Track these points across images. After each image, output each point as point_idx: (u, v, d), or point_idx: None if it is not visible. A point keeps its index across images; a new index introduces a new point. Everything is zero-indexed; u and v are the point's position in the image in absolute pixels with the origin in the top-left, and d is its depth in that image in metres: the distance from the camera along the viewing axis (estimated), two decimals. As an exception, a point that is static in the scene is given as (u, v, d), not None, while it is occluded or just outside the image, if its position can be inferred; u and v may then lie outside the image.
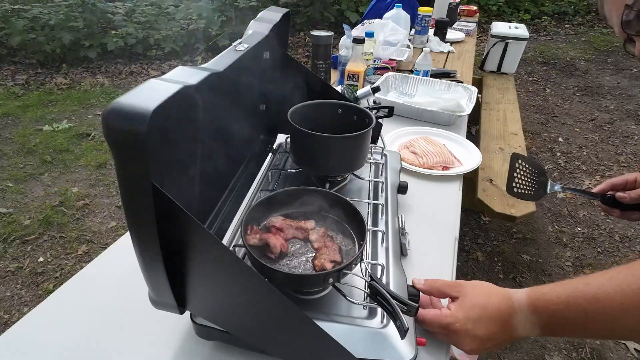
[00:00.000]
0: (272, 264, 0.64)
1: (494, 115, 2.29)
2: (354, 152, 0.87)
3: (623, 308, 0.50)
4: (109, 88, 3.97)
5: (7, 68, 4.19)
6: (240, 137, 0.87)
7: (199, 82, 0.48)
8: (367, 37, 1.67)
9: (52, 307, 0.72)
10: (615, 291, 0.51)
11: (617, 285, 0.51)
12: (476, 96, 1.51)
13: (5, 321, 1.77)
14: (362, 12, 4.58)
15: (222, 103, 0.69)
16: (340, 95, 1.00)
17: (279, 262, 0.65)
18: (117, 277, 0.78)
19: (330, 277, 0.59)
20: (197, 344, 0.65)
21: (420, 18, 2.25)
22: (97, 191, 2.58)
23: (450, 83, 1.61)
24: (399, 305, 0.56)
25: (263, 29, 0.77)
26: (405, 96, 1.59)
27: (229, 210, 0.79)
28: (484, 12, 6.23)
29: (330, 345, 0.50)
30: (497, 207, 1.52)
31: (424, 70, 1.64)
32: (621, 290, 0.50)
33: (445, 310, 0.62)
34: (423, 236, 0.90)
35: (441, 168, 1.14)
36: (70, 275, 0.98)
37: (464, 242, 2.22)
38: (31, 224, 2.28)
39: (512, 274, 2.03)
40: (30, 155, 2.88)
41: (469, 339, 0.59)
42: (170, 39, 4.65)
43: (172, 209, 0.43)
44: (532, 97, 4.02)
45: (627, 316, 0.50)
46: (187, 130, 0.58)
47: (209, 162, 0.68)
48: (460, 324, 0.59)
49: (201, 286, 0.53)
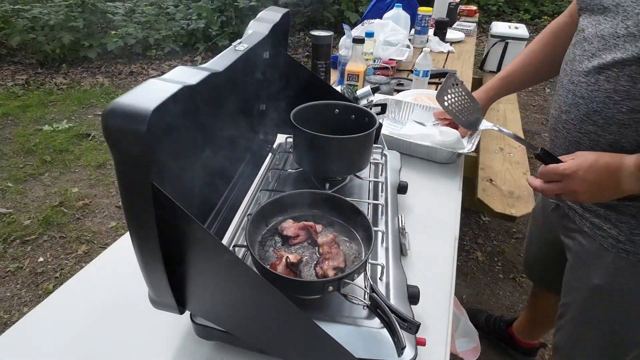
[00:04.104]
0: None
1: (494, 115, 2.29)
2: (358, 153, 0.87)
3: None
4: (109, 88, 3.97)
5: (7, 68, 4.19)
6: (240, 137, 0.87)
7: (198, 82, 0.48)
8: (367, 37, 1.67)
9: (52, 307, 0.73)
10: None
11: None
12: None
13: (5, 321, 1.77)
14: (362, 12, 4.58)
15: (221, 103, 0.69)
16: (341, 95, 1.00)
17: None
18: (117, 277, 0.78)
19: (330, 285, 0.59)
20: (197, 344, 0.65)
21: (420, 18, 2.25)
22: (97, 191, 2.57)
23: None
24: (398, 320, 0.55)
25: (263, 29, 0.77)
26: (398, 124, 1.32)
27: (229, 210, 0.79)
28: (484, 12, 6.23)
29: (330, 345, 0.50)
30: (497, 207, 1.52)
31: (424, 70, 1.64)
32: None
33: (561, 163, 0.73)
34: (423, 236, 0.90)
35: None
36: (70, 275, 0.98)
37: (464, 242, 2.22)
38: (31, 224, 2.28)
39: (512, 274, 2.03)
40: (30, 155, 2.88)
41: (579, 181, 0.70)
42: (170, 39, 4.65)
43: (172, 209, 0.43)
44: (532, 97, 4.02)
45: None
46: (187, 130, 0.58)
47: (209, 162, 0.68)
48: (573, 169, 0.71)
49: (201, 286, 0.53)
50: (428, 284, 0.73)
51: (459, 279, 1.98)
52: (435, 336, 0.67)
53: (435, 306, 0.74)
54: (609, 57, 0.71)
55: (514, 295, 1.93)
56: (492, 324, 1.63)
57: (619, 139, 0.72)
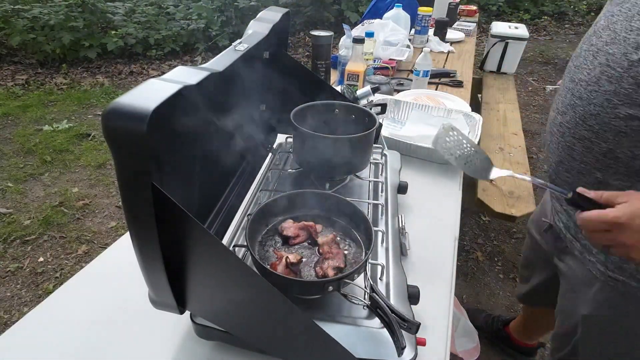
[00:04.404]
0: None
1: (494, 116, 2.28)
2: (358, 153, 0.87)
3: None
4: (109, 88, 3.97)
5: (7, 68, 4.19)
6: (240, 137, 0.87)
7: (198, 82, 0.48)
8: (367, 37, 1.67)
9: (52, 307, 0.73)
10: None
11: None
12: (480, 126, 1.28)
13: (5, 321, 1.77)
14: (362, 12, 4.58)
15: (221, 103, 0.69)
16: (341, 95, 1.00)
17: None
18: (117, 277, 0.78)
19: (330, 285, 0.59)
20: (197, 344, 0.65)
21: (420, 18, 2.25)
22: (97, 191, 2.57)
23: (450, 109, 1.37)
24: (398, 320, 0.55)
25: (263, 29, 0.77)
26: (397, 124, 1.34)
27: (229, 210, 0.79)
28: (484, 12, 6.23)
29: (330, 346, 0.49)
30: (497, 207, 1.51)
31: (424, 70, 1.64)
32: None
33: (609, 209, 0.57)
34: (423, 236, 0.90)
35: None
36: (70, 275, 0.98)
37: (464, 242, 2.22)
38: (31, 224, 2.28)
39: (512, 274, 2.03)
40: (30, 155, 2.88)
41: (634, 233, 0.55)
42: (170, 39, 4.65)
43: (172, 209, 0.43)
44: (532, 97, 4.02)
45: None
46: (187, 130, 0.58)
47: (209, 162, 0.68)
48: (627, 217, 0.55)
49: (201, 286, 0.53)
50: (428, 284, 0.73)
51: (459, 279, 1.98)
52: (435, 336, 0.67)
53: (435, 306, 0.74)
54: (616, 52, 0.64)
55: (514, 295, 1.92)
56: (490, 323, 1.62)
57: (614, 148, 0.67)
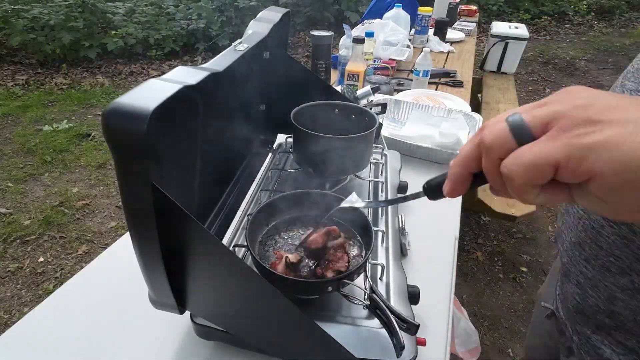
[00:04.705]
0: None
1: (494, 115, 2.27)
2: (358, 153, 0.87)
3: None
4: (109, 88, 3.97)
5: (7, 68, 4.19)
6: (240, 137, 0.87)
7: (199, 82, 0.48)
8: (367, 37, 1.67)
9: (52, 307, 0.72)
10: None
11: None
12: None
13: (5, 321, 1.77)
14: (362, 12, 4.58)
15: (222, 103, 0.69)
16: (341, 95, 1.00)
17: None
18: (117, 277, 0.78)
19: (330, 286, 0.59)
20: (197, 344, 0.65)
21: (420, 18, 2.25)
22: (97, 191, 2.58)
23: (450, 109, 1.35)
24: (397, 321, 0.55)
25: (263, 29, 0.77)
26: (397, 124, 1.35)
27: (229, 211, 0.79)
28: (484, 12, 6.23)
29: (330, 345, 0.49)
30: (497, 207, 1.52)
31: (424, 70, 1.64)
32: None
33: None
34: (423, 236, 0.90)
35: None
36: (70, 275, 0.98)
37: (464, 242, 2.22)
38: (31, 224, 2.28)
39: (512, 274, 2.03)
40: (30, 155, 2.88)
41: (575, 95, 0.30)
42: (170, 39, 4.65)
43: (172, 209, 0.43)
44: (532, 97, 4.02)
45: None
46: (187, 130, 0.58)
47: (209, 162, 0.68)
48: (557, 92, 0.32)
49: (201, 286, 0.53)
50: (428, 284, 0.73)
51: (459, 279, 1.98)
52: (435, 336, 0.67)
53: (435, 306, 0.74)
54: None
55: (514, 295, 1.93)
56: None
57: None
